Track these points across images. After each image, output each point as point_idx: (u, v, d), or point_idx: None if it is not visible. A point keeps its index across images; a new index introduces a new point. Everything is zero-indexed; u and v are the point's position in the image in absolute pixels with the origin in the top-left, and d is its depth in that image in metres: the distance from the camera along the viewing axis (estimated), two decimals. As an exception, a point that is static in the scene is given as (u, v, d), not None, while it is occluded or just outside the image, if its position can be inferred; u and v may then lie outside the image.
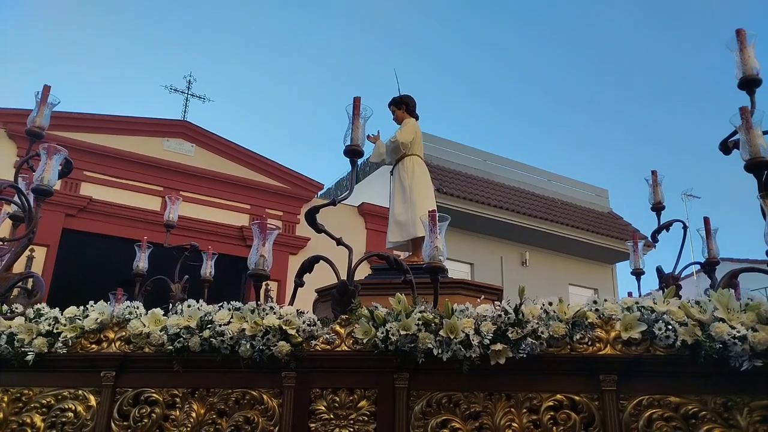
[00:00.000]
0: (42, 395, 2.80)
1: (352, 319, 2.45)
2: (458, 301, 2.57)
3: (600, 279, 14.54)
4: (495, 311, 2.29)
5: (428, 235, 2.51)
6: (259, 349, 2.42)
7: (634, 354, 2.23)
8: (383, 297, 2.63)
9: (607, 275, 14.92)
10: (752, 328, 2.12)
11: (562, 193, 15.18)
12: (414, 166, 4.88)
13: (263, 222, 2.59)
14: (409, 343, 2.31)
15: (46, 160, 3.35)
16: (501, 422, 2.25)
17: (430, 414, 2.32)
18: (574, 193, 15.53)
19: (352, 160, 2.78)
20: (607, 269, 15.09)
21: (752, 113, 2.70)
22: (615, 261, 15.00)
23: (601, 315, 2.32)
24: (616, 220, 15.42)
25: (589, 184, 16.10)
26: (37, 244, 8.99)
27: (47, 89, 3.72)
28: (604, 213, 15.60)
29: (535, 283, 11.45)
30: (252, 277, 2.57)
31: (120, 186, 10.06)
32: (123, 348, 2.74)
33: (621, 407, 2.21)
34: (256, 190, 11.14)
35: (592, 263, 14.72)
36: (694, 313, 2.21)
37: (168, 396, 2.63)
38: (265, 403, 2.48)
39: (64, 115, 9.80)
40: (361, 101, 2.80)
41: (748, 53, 2.82)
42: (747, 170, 2.58)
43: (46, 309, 2.99)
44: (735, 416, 2.15)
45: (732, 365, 2.11)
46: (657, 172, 4.60)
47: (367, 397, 2.39)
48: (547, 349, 2.27)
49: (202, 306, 2.71)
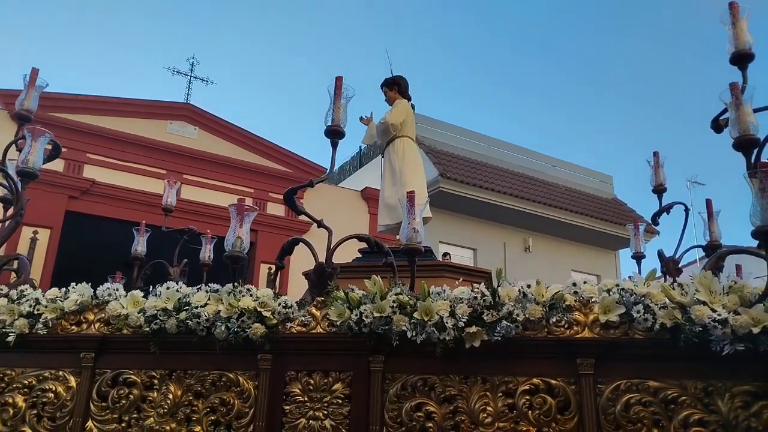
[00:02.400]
0: (24, 376, 2.80)
1: (328, 301, 2.42)
2: (442, 284, 2.53)
3: (603, 265, 14.47)
4: (471, 293, 2.25)
5: (406, 217, 2.47)
6: (234, 330, 2.40)
7: (611, 337, 2.18)
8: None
9: (610, 261, 14.85)
10: (734, 311, 2.07)
11: (566, 179, 15.10)
12: (404, 147, 4.82)
13: (240, 204, 2.55)
14: (383, 326, 2.28)
15: (31, 143, 3.32)
16: (476, 406, 2.21)
17: (404, 397, 2.29)
18: (578, 179, 15.44)
19: (333, 141, 2.73)
20: (610, 255, 15.02)
21: (744, 89, 2.61)
22: (618, 247, 14.92)
23: (580, 297, 2.27)
24: (620, 206, 15.32)
25: (593, 170, 16.01)
26: (40, 226, 9.06)
27: (35, 72, 3.68)
28: (608, 199, 15.49)
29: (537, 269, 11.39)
30: (228, 258, 2.54)
31: (123, 168, 10.08)
32: (102, 329, 2.73)
33: (598, 391, 2.16)
34: (259, 174, 11.13)
35: (595, 249, 14.65)
36: (674, 296, 2.15)
37: (146, 377, 2.63)
38: (241, 385, 2.47)
39: (67, 97, 9.83)
40: (342, 81, 2.75)
41: (741, 26, 2.72)
42: (735, 148, 2.49)
43: (29, 290, 2.99)
44: (716, 401, 2.09)
45: (713, 349, 2.06)
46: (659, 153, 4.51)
47: (342, 380, 2.36)
48: (524, 332, 2.22)
49: (181, 288, 2.70)
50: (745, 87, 2.65)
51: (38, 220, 8.97)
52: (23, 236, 8.91)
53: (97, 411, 2.64)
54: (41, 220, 9.04)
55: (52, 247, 9.22)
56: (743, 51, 2.71)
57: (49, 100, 9.30)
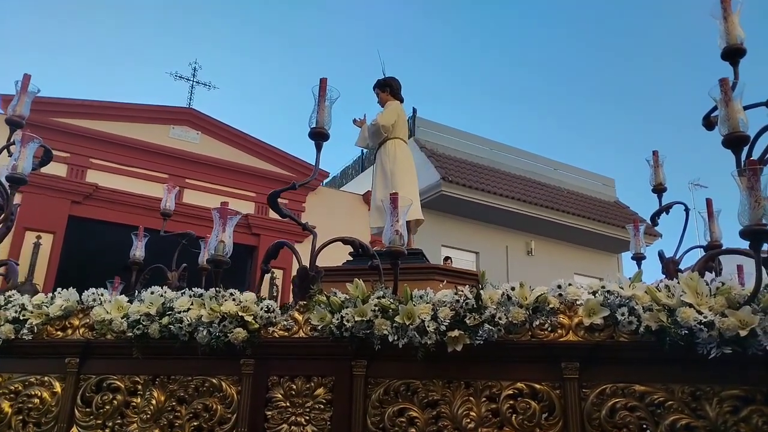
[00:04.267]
0: (10, 381, 2.80)
1: (310, 305, 2.40)
2: (433, 287, 2.50)
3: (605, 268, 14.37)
4: (455, 296, 2.22)
5: (388, 219, 2.44)
6: (215, 335, 2.38)
7: (596, 340, 2.13)
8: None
9: (612, 264, 14.76)
10: (722, 314, 2.02)
11: (569, 182, 15.03)
12: (396, 149, 4.78)
13: (224, 207, 2.53)
14: (365, 330, 2.24)
15: (20, 149, 3.32)
16: (459, 411, 2.18)
17: (387, 402, 2.26)
18: (581, 182, 15.38)
19: (317, 143, 2.71)
20: (612, 258, 14.93)
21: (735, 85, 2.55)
22: (621, 250, 14.82)
23: (565, 300, 2.23)
24: (622, 209, 15.23)
25: (595, 173, 15.94)
26: (43, 231, 9.10)
27: (27, 78, 3.68)
28: (611, 202, 15.41)
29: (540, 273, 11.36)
30: (211, 263, 2.52)
31: (126, 173, 10.11)
32: (87, 335, 2.72)
33: (583, 396, 2.11)
34: (261, 178, 11.12)
35: (597, 252, 14.57)
36: (660, 298, 2.10)
37: (130, 383, 2.61)
38: (224, 390, 2.44)
39: (69, 102, 9.87)
40: (327, 83, 2.73)
41: (732, 21, 2.66)
42: (725, 145, 2.42)
43: (16, 296, 2.98)
44: (704, 406, 2.04)
45: (700, 352, 2.01)
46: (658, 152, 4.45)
47: (324, 385, 2.33)
48: (507, 335, 2.18)
49: (166, 292, 2.68)
50: (737, 83, 2.59)
51: (41, 225, 9.01)
52: (26, 241, 8.94)
53: (81, 417, 2.63)
54: (44, 225, 9.08)
55: (56, 251, 9.24)
56: (735, 46, 2.65)
57: (51, 105, 9.35)
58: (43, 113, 8.87)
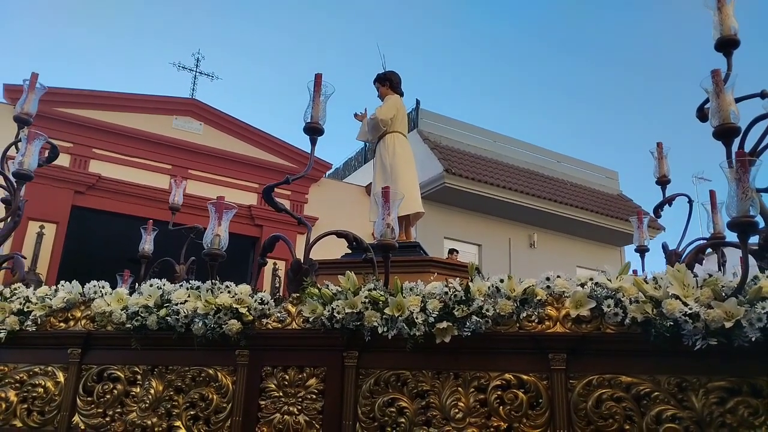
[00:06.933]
0: (16, 371, 2.88)
1: (303, 297, 2.44)
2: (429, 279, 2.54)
3: (608, 261, 14.35)
4: (444, 288, 2.26)
5: (380, 213, 2.47)
6: (211, 327, 2.44)
7: (583, 332, 2.16)
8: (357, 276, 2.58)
9: (615, 257, 14.71)
10: (708, 305, 2.05)
11: (572, 175, 14.97)
12: (395, 143, 4.81)
13: (219, 201, 2.57)
14: (355, 321, 2.29)
15: (26, 145, 3.38)
16: (447, 401, 2.22)
17: (377, 393, 2.31)
18: (584, 174, 15.32)
19: (312, 137, 2.74)
20: (615, 251, 14.89)
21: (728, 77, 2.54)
22: (624, 243, 14.76)
23: (552, 292, 2.26)
24: (625, 202, 15.18)
25: (599, 166, 15.86)
26: (46, 221, 9.17)
27: (35, 76, 3.74)
28: (614, 195, 15.36)
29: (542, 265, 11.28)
30: (207, 256, 2.57)
31: (128, 164, 10.15)
32: (88, 326, 2.79)
33: (570, 387, 2.15)
34: (264, 169, 11.14)
35: (600, 245, 14.53)
36: (647, 290, 2.13)
37: (129, 373, 2.68)
38: (220, 380, 2.50)
39: (72, 92, 9.90)
40: (322, 78, 2.76)
41: (727, 11, 2.65)
42: (716, 137, 2.42)
43: (21, 288, 3.05)
44: (690, 397, 2.07)
45: (686, 344, 2.04)
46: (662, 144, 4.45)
47: (316, 375, 2.38)
48: (495, 327, 2.22)
49: (165, 285, 2.74)
50: (729, 75, 2.59)
51: (44, 215, 9.07)
52: (29, 231, 9.01)
53: (83, 405, 2.70)
54: (47, 215, 9.14)
55: (59, 241, 9.30)
56: (728, 37, 2.62)
57: (54, 95, 9.37)
58: (46, 103, 8.87)
